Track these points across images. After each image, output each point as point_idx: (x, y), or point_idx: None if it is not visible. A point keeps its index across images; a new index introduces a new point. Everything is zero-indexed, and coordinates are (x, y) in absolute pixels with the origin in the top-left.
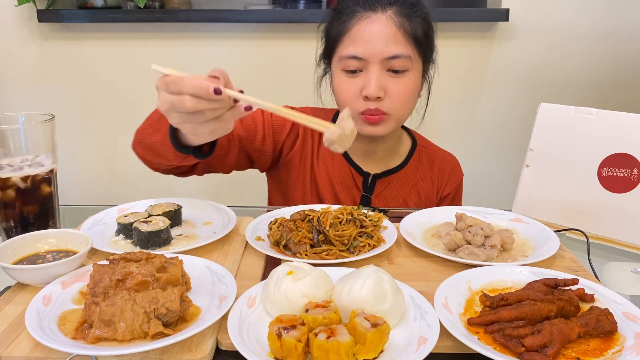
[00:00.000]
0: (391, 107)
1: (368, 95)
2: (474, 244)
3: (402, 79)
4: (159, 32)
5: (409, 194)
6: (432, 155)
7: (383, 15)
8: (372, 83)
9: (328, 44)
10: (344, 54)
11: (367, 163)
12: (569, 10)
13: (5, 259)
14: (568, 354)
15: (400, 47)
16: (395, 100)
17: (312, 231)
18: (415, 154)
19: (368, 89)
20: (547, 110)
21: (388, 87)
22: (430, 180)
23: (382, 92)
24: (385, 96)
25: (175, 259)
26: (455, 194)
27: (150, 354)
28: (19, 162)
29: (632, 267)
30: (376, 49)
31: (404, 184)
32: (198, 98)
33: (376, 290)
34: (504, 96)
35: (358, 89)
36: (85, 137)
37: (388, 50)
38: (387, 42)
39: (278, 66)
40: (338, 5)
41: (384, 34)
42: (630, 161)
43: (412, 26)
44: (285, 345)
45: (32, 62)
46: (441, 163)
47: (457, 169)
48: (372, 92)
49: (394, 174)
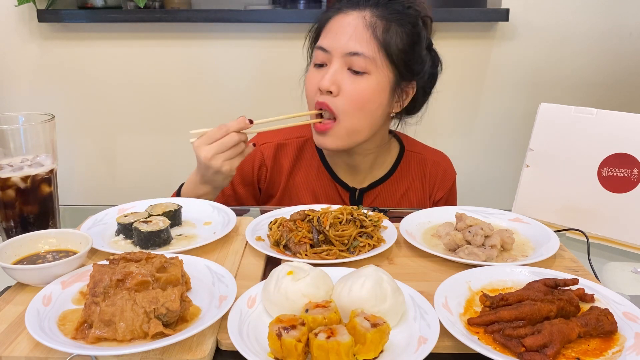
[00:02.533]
0: (342, 107)
1: (320, 87)
2: (474, 244)
3: (360, 80)
4: (159, 32)
5: (399, 203)
6: (422, 159)
7: (358, 13)
8: (327, 76)
9: (312, 39)
10: (316, 45)
11: (352, 178)
12: (569, 10)
13: (5, 259)
14: (568, 354)
15: (363, 45)
16: (347, 101)
17: (312, 231)
18: (403, 161)
19: (322, 80)
20: (547, 110)
21: (343, 84)
22: (421, 186)
23: (335, 87)
24: (339, 94)
25: (175, 259)
26: (448, 197)
27: (150, 354)
28: (19, 162)
29: (632, 267)
30: (339, 42)
31: (393, 194)
32: (240, 132)
33: (376, 290)
34: (504, 96)
35: (317, 82)
36: (85, 137)
37: (350, 45)
38: (350, 38)
39: (278, 66)
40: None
41: (350, 28)
42: (630, 161)
43: (386, 32)
44: (285, 345)
45: (32, 62)
46: (432, 167)
47: (449, 171)
48: (324, 84)
49: (380, 185)
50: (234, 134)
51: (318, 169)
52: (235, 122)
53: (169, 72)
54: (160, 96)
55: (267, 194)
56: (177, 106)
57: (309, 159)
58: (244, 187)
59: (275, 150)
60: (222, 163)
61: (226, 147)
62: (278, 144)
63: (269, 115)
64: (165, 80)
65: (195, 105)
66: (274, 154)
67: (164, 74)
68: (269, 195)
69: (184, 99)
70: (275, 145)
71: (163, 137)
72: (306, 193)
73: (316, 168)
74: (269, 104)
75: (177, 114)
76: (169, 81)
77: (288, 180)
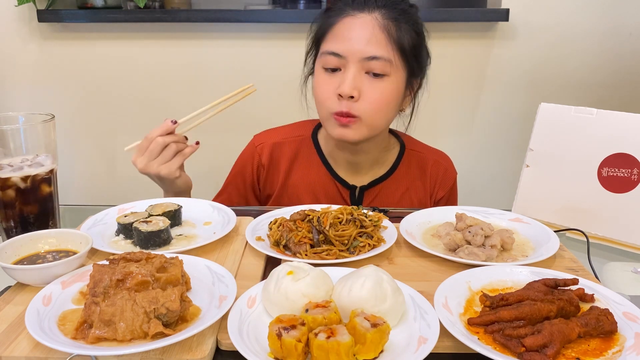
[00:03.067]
0: (364, 110)
1: (341, 93)
2: (474, 244)
3: (379, 83)
4: (159, 32)
5: (400, 202)
6: (423, 159)
7: (369, 16)
8: (347, 81)
9: (314, 41)
10: (324, 50)
11: (353, 176)
12: (569, 10)
13: (5, 259)
14: (568, 354)
15: (381, 49)
16: (368, 104)
17: (312, 231)
18: (404, 159)
19: (342, 86)
20: (547, 110)
21: (363, 89)
22: (422, 185)
23: (357, 92)
24: (360, 98)
25: (175, 259)
26: (449, 196)
27: (150, 354)
28: (19, 162)
29: (632, 267)
30: (356, 47)
31: (394, 192)
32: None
33: (376, 290)
34: (504, 96)
35: (334, 88)
36: (85, 137)
37: (368, 50)
38: (367, 42)
39: (278, 66)
40: (329, 5)
41: (366, 33)
42: (630, 161)
43: (398, 32)
44: (285, 345)
45: (32, 62)
46: (433, 166)
47: (450, 170)
48: (345, 90)
49: (381, 183)
50: (159, 139)
51: (318, 167)
52: (158, 127)
53: (169, 72)
54: (160, 96)
55: (266, 194)
56: (177, 106)
57: (308, 157)
58: (251, 191)
59: (272, 150)
60: (158, 168)
61: (156, 153)
62: (274, 143)
63: (270, 114)
64: (165, 80)
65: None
66: (270, 154)
67: (164, 74)
68: (267, 195)
69: (184, 99)
70: (271, 145)
71: None
72: (305, 191)
73: (316, 166)
74: (269, 104)
75: (177, 114)
76: (169, 81)
77: (286, 178)
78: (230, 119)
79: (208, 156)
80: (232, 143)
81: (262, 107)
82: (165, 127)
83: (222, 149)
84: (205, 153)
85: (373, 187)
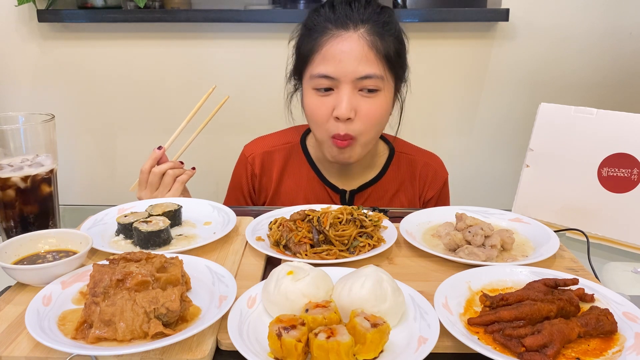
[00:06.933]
0: (361, 129)
1: (339, 116)
2: (474, 244)
3: (373, 99)
4: (159, 32)
5: (390, 204)
6: (412, 161)
7: (355, 34)
8: (343, 104)
9: (299, 61)
10: (314, 73)
11: (343, 180)
12: (569, 10)
13: (5, 259)
14: (568, 354)
15: (372, 67)
16: (365, 121)
17: (312, 231)
18: (394, 162)
19: (339, 109)
20: (547, 110)
21: (359, 107)
22: (412, 186)
23: (353, 112)
24: (356, 117)
25: (175, 259)
26: (439, 196)
27: (150, 354)
28: (19, 162)
29: (632, 267)
30: (348, 68)
31: (383, 194)
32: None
33: (376, 290)
34: (504, 96)
35: (329, 110)
36: (85, 137)
37: (360, 70)
38: (359, 62)
39: (278, 66)
40: (308, 21)
41: (356, 53)
42: (630, 161)
43: (385, 45)
44: (285, 345)
45: (32, 62)
46: (422, 167)
47: (439, 171)
48: (343, 113)
49: (371, 187)
50: (155, 170)
51: (308, 173)
52: (147, 160)
53: (169, 72)
54: (160, 96)
55: (261, 201)
56: (177, 106)
57: (298, 164)
58: (250, 200)
59: (262, 159)
60: (165, 196)
61: (156, 184)
62: (264, 152)
63: (270, 114)
64: (165, 80)
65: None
66: (262, 163)
67: (164, 74)
68: (262, 202)
69: (184, 98)
70: (262, 154)
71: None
72: (297, 197)
73: (306, 172)
74: (269, 103)
75: (177, 113)
76: (169, 81)
77: (278, 185)
78: (231, 118)
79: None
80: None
81: (262, 106)
82: (153, 156)
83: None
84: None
85: (363, 190)
